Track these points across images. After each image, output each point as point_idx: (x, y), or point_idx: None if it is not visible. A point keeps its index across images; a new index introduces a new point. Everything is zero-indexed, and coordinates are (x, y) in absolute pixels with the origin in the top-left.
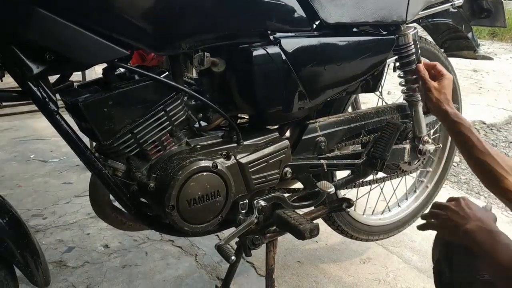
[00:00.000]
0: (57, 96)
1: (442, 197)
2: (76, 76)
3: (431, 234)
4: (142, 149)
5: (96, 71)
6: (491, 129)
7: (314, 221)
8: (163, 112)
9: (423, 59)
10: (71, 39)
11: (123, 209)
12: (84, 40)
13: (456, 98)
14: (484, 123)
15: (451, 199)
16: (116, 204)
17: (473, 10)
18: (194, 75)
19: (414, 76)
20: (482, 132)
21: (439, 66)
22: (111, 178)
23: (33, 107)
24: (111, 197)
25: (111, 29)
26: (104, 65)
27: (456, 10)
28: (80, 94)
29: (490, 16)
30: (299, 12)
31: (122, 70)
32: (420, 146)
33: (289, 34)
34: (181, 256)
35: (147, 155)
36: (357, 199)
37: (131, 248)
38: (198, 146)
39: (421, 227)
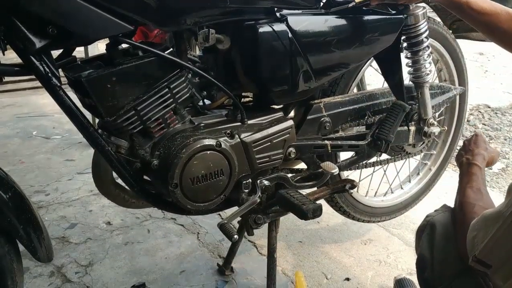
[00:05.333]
0: (60, 71)
1: (445, 180)
2: (78, 53)
3: None
4: (146, 126)
5: (98, 48)
6: (496, 112)
7: (317, 202)
8: (167, 89)
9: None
10: (75, 13)
11: (126, 187)
12: (88, 14)
13: (463, 80)
14: (489, 107)
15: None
16: (119, 181)
17: None
18: (198, 52)
19: None
20: (486, 116)
21: None
22: (114, 155)
23: (36, 83)
24: (114, 174)
25: (115, 3)
26: (107, 40)
27: None
28: (83, 69)
29: None
30: None
31: (125, 46)
32: (425, 128)
33: (296, 11)
34: (183, 234)
35: (151, 133)
36: (360, 181)
37: (133, 225)
38: (202, 125)
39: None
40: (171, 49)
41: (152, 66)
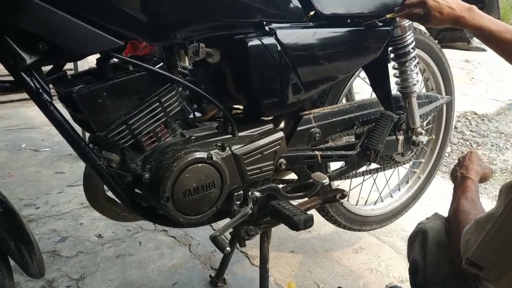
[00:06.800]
0: (51, 86)
1: (434, 187)
2: (68, 66)
3: None
4: (137, 140)
5: (88, 61)
6: (483, 119)
7: (308, 212)
8: (158, 103)
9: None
10: (65, 29)
11: (117, 200)
12: (78, 30)
13: (449, 89)
14: (476, 114)
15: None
16: (111, 194)
17: (468, 1)
18: (187, 64)
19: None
20: (473, 123)
21: None
22: (106, 169)
23: (25, 95)
24: (106, 187)
25: (106, 19)
26: (98, 55)
27: None
28: (74, 84)
29: (485, 8)
30: (295, 2)
31: (116, 60)
32: (414, 137)
33: (285, 25)
34: (175, 246)
35: (142, 146)
36: (350, 190)
37: (125, 238)
38: (193, 137)
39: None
40: (162, 63)
41: (143, 81)
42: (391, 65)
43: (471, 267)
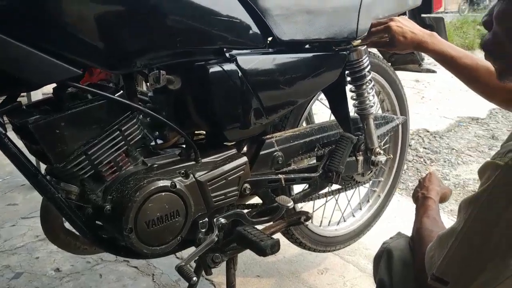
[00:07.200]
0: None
1: (393, 205)
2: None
3: None
4: (97, 171)
5: (42, 89)
6: (434, 136)
7: (274, 236)
8: (118, 132)
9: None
10: (20, 59)
11: (77, 233)
12: (34, 60)
13: (404, 109)
14: (428, 131)
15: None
16: (70, 227)
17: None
18: (144, 89)
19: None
20: (426, 140)
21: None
22: (65, 201)
23: None
24: (64, 220)
25: (63, 48)
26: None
27: None
28: (30, 115)
29: (433, 31)
30: (254, 29)
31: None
32: (373, 157)
33: (245, 51)
34: (138, 277)
35: (102, 177)
36: (313, 211)
37: (84, 270)
38: (155, 165)
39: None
40: (121, 91)
41: (102, 110)
42: (348, 88)
43: (436, 283)
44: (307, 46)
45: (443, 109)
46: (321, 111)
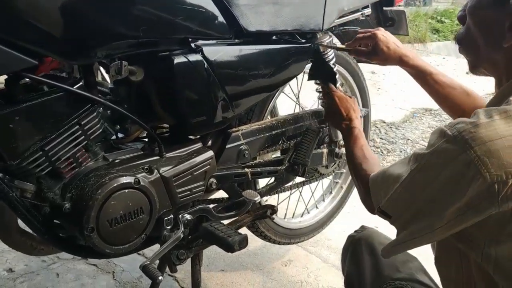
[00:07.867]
0: None
1: (355, 196)
2: None
3: (345, 231)
4: (55, 167)
5: None
6: (390, 127)
7: (240, 230)
8: (77, 126)
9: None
10: None
11: (33, 233)
12: None
13: (366, 102)
14: (384, 122)
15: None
16: (25, 227)
17: (379, 19)
18: (100, 79)
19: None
20: (383, 131)
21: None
22: (19, 200)
23: None
24: (19, 220)
25: (16, 36)
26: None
27: (364, 18)
28: None
29: (394, 25)
30: (220, 19)
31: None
32: (337, 149)
33: (211, 41)
34: (97, 275)
35: (60, 173)
36: (278, 204)
37: (40, 270)
38: (117, 161)
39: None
40: (80, 83)
41: (59, 102)
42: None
43: (381, 215)
44: (274, 37)
45: (399, 100)
46: (285, 103)
